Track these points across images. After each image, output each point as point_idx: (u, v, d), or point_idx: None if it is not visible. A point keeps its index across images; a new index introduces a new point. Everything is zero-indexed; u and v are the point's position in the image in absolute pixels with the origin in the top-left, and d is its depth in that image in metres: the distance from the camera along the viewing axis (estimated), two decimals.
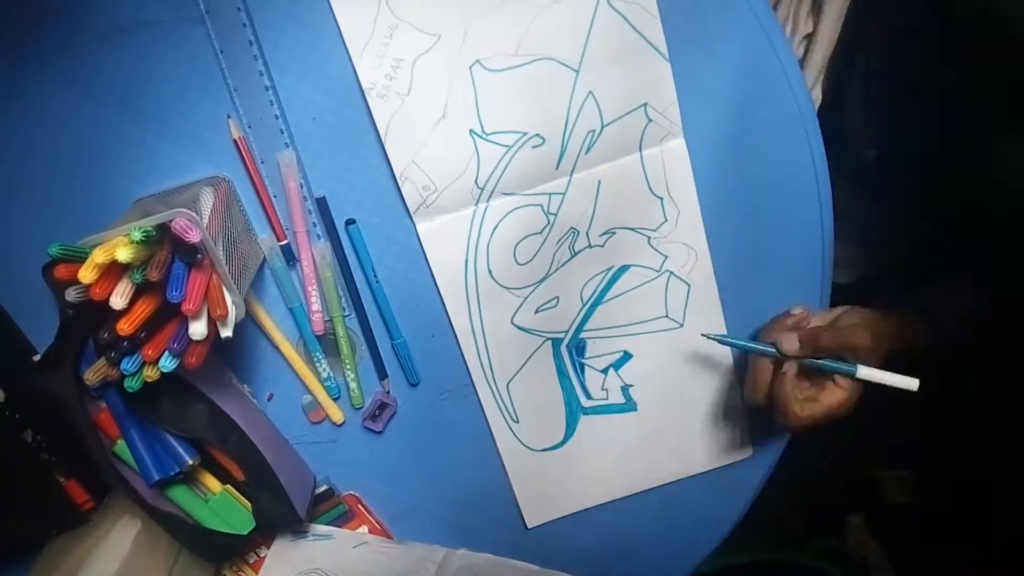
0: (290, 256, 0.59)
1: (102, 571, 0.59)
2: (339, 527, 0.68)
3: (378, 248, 0.60)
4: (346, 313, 0.61)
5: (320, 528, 0.67)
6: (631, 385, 0.66)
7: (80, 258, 0.44)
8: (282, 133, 0.56)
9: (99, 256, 0.43)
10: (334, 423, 0.65)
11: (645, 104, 0.58)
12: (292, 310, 0.60)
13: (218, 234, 0.49)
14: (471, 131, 0.57)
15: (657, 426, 0.67)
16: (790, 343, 0.56)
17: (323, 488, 0.66)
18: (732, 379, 0.67)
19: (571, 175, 0.59)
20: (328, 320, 0.61)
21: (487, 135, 0.57)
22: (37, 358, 0.57)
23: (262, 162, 0.57)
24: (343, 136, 0.56)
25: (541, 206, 0.60)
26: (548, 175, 0.59)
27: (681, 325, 0.64)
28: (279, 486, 0.58)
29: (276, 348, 0.62)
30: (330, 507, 0.67)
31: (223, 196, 0.53)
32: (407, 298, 0.61)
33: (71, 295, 0.46)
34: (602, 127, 0.58)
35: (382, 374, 0.63)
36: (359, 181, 0.58)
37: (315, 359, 0.62)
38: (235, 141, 0.55)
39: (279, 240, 0.58)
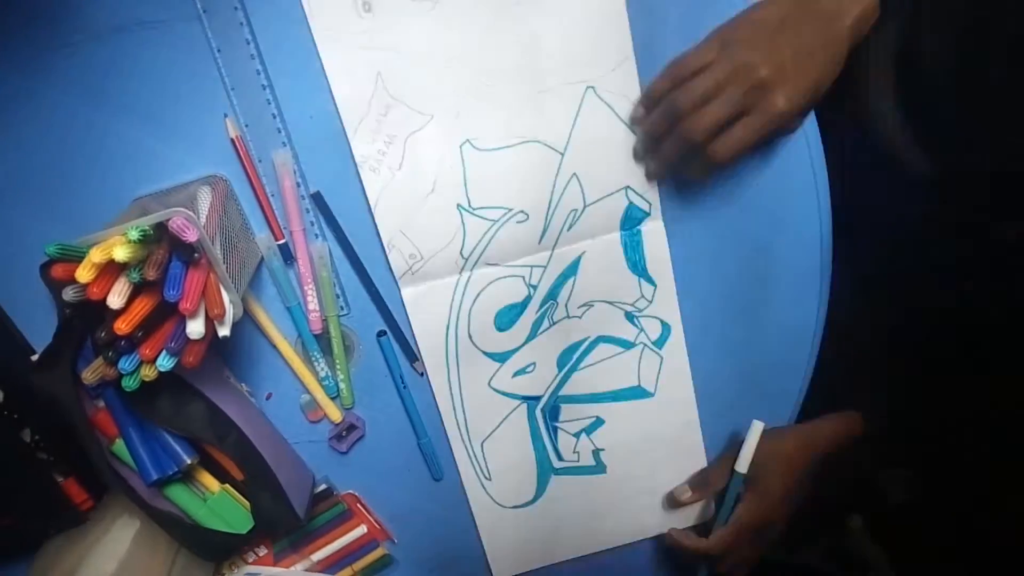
0: (287, 255, 0.59)
1: (100, 570, 0.59)
2: (338, 526, 0.68)
3: (375, 248, 0.60)
4: (342, 313, 0.61)
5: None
6: (602, 449, 0.68)
7: (78, 257, 0.44)
8: (279, 132, 0.56)
9: (96, 255, 0.43)
10: (332, 422, 0.64)
11: (627, 187, 0.59)
12: (290, 309, 0.60)
13: (215, 233, 0.49)
14: (459, 205, 0.58)
15: (625, 488, 0.70)
16: (682, 492, 0.68)
17: (322, 487, 0.66)
18: (698, 446, 0.69)
19: (553, 250, 0.61)
20: (325, 319, 0.61)
21: (474, 210, 0.58)
22: (35, 358, 0.57)
23: (259, 161, 0.57)
24: (340, 135, 0.56)
25: (523, 277, 0.61)
26: (531, 249, 0.60)
27: (653, 395, 0.66)
28: (278, 485, 0.58)
29: (274, 347, 0.62)
30: (329, 506, 0.67)
31: (220, 195, 0.53)
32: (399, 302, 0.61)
33: (68, 294, 0.46)
34: (584, 206, 0.59)
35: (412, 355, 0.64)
36: (356, 180, 0.58)
37: (313, 358, 0.62)
38: (232, 140, 0.55)
39: (276, 239, 0.58)
